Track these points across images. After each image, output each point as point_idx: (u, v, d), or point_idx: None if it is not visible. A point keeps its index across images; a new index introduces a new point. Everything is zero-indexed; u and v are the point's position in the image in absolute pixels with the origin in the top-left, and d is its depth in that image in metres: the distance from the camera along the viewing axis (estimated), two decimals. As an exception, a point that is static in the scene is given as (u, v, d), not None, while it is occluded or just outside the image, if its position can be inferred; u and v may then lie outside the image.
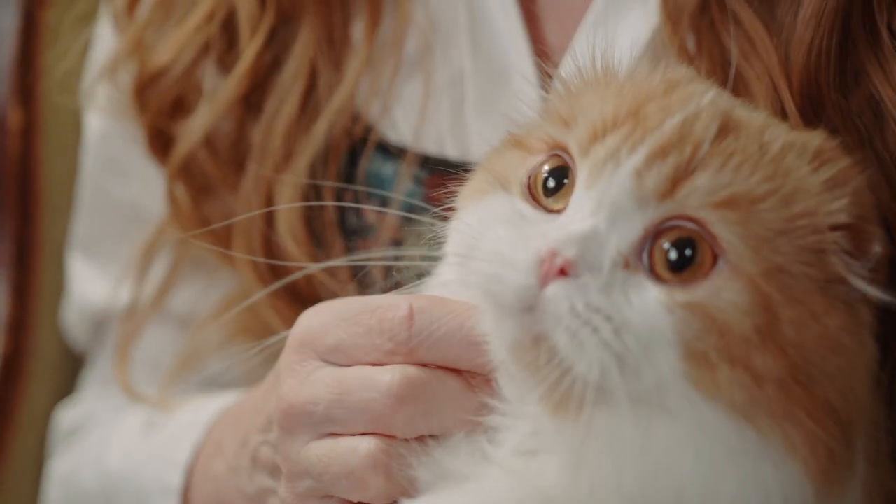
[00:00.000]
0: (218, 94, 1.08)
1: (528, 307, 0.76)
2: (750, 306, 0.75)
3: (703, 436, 0.76)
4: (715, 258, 0.76)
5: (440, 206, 0.87)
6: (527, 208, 0.81)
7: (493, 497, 0.78)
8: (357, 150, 1.07)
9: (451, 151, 1.05)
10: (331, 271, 1.03)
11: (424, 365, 0.81)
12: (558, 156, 0.81)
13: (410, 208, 0.98)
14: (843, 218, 0.78)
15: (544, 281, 0.76)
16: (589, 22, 1.02)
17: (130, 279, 1.14)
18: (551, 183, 0.81)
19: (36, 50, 1.26)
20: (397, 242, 1.04)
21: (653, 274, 0.77)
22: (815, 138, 0.81)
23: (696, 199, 0.76)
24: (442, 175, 0.90)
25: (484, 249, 0.79)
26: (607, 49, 0.86)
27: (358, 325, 0.82)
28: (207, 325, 1.10)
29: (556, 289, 0.75)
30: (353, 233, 1.07)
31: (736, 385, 0.75)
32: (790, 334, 0.76)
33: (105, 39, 1.17)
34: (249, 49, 1.07)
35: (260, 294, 1.03)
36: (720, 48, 0.97)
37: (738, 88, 0.95)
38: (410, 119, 1.06)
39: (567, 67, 0.87)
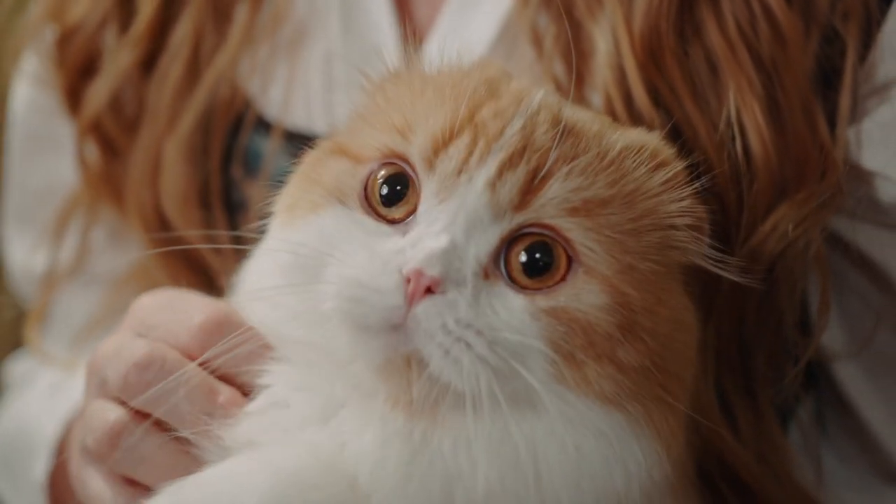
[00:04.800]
0: (119, 55, 1.13)
1: (394, 326, 0.77)
2: (610, 305, 0.79)
3: (571, 426, 0.79)
4: (570, 262, 0.80)
5: None
6: (367, 220, 0.82)
7: (280, 463, 0.80)
8: (240, 125, 1.11)
9: (321, 129, 1.09)
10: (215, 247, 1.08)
11: None
12: (393, 164, 0.82)
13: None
14: (687, 220, 0.82)
15: (411, 300, 0.77)
16: (452, 2, 1.06)
17: (48, 245, 1.20)
18: (384, 189, 0.82)
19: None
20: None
21: (512, 281, 0.79)
22: (649, 141, 0.85)
23: (552, 208, 0.79)
24: None
25: (336, 274, 0.80)
26: (457, 37, 0.87)
27: (173, 315, 0.86)
28: (118, 289, 1.16)
29: (425, 307, 0.77)
30: (237, 207, 1.11)
31: (605, 378, 0.79)
32: (646, 324, 0.80)
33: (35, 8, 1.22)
34: (146, 9, 1.12)
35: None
36: (569, 12, 0.98)
37: (583, 47, 0.98)
38: (282, 96, 1.10)
39: (428, 52, 0.89)
